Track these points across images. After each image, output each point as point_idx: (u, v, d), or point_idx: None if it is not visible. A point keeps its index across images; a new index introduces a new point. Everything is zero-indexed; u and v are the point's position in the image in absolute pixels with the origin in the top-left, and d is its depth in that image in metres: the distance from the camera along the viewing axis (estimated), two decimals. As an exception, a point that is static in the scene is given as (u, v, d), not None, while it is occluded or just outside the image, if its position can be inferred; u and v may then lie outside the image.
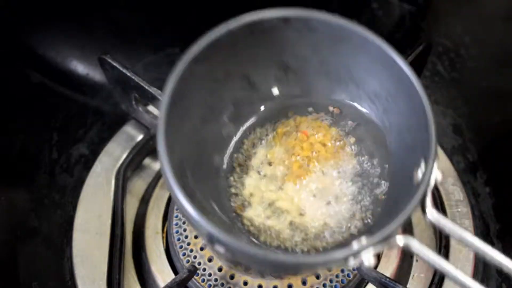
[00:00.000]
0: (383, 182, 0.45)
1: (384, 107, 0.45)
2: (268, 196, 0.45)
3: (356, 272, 0.49)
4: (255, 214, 0.44)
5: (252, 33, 0.43)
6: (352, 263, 0.34)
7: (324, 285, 0.48)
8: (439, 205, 0.56)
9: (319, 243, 0.42)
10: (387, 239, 0.35)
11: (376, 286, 0.48)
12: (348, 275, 0.48)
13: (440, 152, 0.61)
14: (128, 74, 0.52)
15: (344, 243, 0.42)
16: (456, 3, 0.64)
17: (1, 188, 0.53)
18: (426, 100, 0.39)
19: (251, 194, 0.45)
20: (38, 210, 0.55)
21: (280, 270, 0.39)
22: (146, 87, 0.52)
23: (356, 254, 0.34)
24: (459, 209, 0.57)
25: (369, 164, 0.46)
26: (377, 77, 0.44)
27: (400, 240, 0.35)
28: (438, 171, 0.36)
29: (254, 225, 0.43)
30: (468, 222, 0.56)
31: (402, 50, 0.44)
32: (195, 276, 0.48)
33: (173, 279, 0.46)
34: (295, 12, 0.42)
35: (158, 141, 0.36)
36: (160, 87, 0.51)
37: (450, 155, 0.62)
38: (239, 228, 0.43)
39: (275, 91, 0.48)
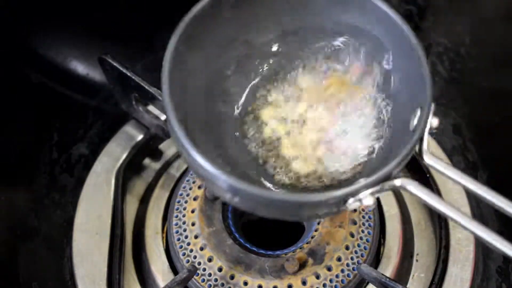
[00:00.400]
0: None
1: (383, 63, 0.46)
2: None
3: (356, 272, 0.49)
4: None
5: None
6: (352, 202, 0.36)
7: (324, 285, 0.48)
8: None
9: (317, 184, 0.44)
10: (385, 180, 0.36)
11: (376, 286, 0.48)
12: (348, 275, 0.48)
13: (440, 152, 0.61)
14: (128, 74, 0.52)
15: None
16: (456, 3, 0.64)
17: (1, 188, 0.53)
18: (420, 49, 0.41)
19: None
20: (38, 210, 0.55)
21: (283, 210, 0.39)
22: (146, 87, 0.52)
23: (355, 193, 0.35)
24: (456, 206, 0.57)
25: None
26: (376, 33, 0.45)
27: (398, 181, 0.36)
28: (434, 118, 0.38)
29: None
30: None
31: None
32: (195, 276, 0.48)
33: (173, 279, 0.46)
34: None
35: (164, 98, 0.38)
36: (160, 87, 0.51)
37: (450, 155, 0.62)
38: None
39: (275, 48, 0.49)
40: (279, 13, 0.47)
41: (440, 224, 0.54)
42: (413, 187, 0.36)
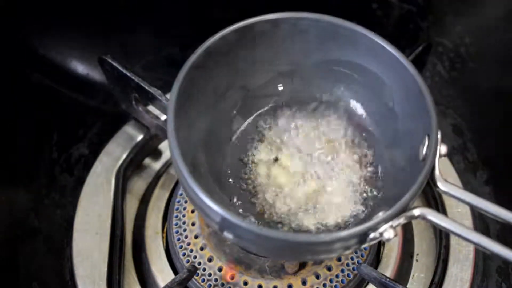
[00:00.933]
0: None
1: (385, 98, 0.46)
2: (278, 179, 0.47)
3: (356, 272, 0.49)
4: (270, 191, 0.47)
5: (245, 39, 0.44)
6: (372, 237, 0.36)
7: (324, 285, 0.48)
8: (439, 205, 0.56)
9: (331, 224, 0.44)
10: (403, 212, 0.37)
11: (376, 286, 0.48)
12: (348, 275, 0.48)
13: (440, 152, 0.61)
14: (128, 74, 0.52)
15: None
16: (456, 3, 0.64)
17: (1, 188, 0.53)
18: (422, 82, 0.41)
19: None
20: (38, 210, 0.55)
21: (297, 251, 0.38)
22: (146, 87, 0.52)
23: (374, 227, 0.35)
24: (459, 209, 0.57)
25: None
26: (373, 68, 0.45)
27: (417, 211, 0.37)
28: (443, 145, 0.39)
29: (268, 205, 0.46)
30: (468, 222, 0.56)
31: (402, 50, 0.44)
32: (195, 276, 0.48)
33: (173, 279, 0.46)
34: (282, 14, 0.44)
35: (168, 132, 0.38)
36: (160, 87, 0.51)
37: (450, 155, 0.62)
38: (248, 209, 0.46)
39: (280, 89, 0.50)
40: (276, 55, 0.47)
41: (440, 224, 0.54)
42: (433, 217, 0.37)
